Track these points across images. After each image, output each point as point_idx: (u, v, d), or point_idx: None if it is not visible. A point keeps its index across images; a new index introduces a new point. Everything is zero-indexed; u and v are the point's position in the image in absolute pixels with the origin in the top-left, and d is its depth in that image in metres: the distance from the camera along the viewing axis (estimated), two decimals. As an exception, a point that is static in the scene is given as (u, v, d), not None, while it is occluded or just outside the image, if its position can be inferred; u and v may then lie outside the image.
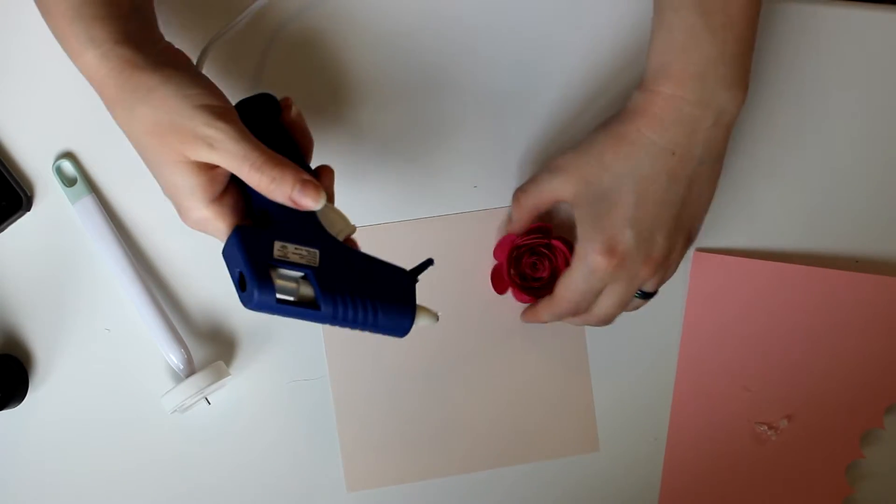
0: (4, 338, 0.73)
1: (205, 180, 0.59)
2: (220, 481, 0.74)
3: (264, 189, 0.58)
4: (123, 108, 0.59)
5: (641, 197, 0.65)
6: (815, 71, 0.76)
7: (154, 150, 0.59)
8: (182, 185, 0.59)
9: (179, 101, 0.58)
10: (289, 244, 0.58)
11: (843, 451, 0.75)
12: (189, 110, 0.58)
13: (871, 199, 0.76)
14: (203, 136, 0.57)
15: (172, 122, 0.58)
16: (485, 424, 0.75)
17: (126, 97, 0.59)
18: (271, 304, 0.57)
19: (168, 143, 0.58)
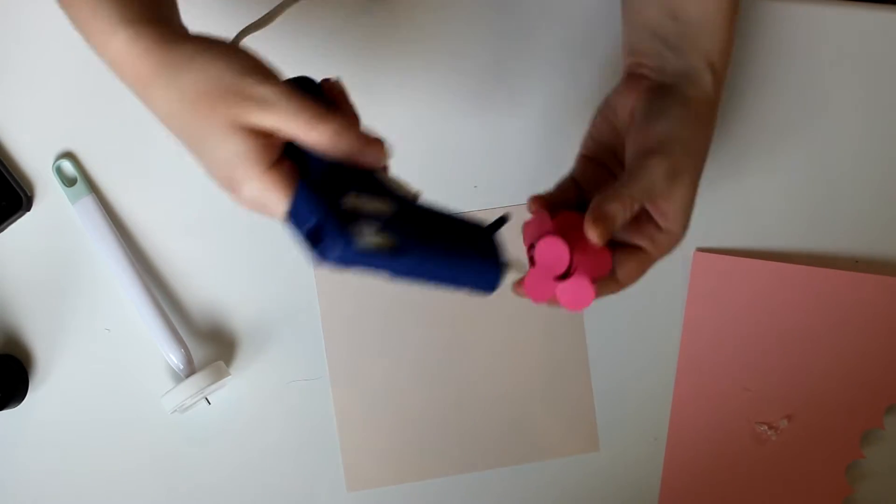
0: (4, 338, 0.73)
1: (259, 145, 0.54)
2: (220, 481, 0.74)
3: (325, 144, 0.54)
4: (162, 84, 0.55)
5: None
6: (814, 71, 0.76)
7: (200, 122, 0.55)
8: (235, 153, 0.54)
9: (225, 65, 0.55)
10: (360, 195, 0.54)
11: (843, 451, 0.75)
12: (237, 73, 0.55)
13: (871, 199, 0.76)
14: (255, 97, 0.54)
15: (220, 87, 0.54)
16: (485, 424, 0.75)
17: (165, 72, 0.55)
18: (353, 255, 0.51)
19: (216, 110, 0.54)
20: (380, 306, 0.75)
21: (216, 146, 0.55)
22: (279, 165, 0.55)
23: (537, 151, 0.76)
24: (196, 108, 0.55)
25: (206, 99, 0.54)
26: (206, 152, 0.56)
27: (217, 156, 0.55)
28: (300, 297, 0.74)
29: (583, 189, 0.65)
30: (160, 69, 0.55)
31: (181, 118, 0.55)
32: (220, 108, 0.54)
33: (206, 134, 0.55)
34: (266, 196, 0.55)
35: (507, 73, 0.75)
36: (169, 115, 0.56)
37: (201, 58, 0.55)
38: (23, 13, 0.74)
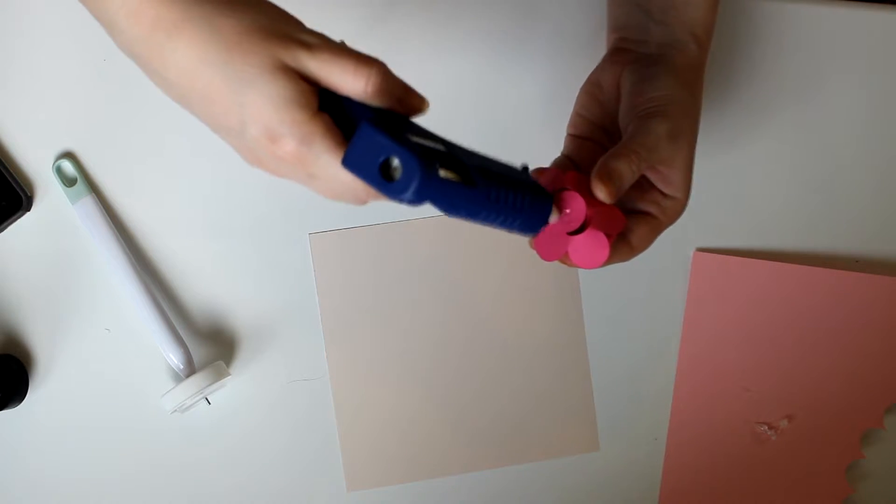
0: (4, 338, 0.73)
1: (304, 89, 0.51)
2: (219, 481, 0.74)
3: (371, 88, 0.51)
4: (193, 28, 0.51)
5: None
6: (814, 71, 0.76)
7: (239, 64, 0.51)
8: (279, 95, 0.51)
9: (266, 10, 0.52)
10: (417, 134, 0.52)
11: (844, 451, 0.75)
12: (278, 17, 0.53)
13: (871, 199, 0.76)
14: (300, 40, 0.51)
15: (263, 28, 0.51)
16: (485, 424, 0.75)
17: (199, 14, 0.51)
18: (430, 186, 0.50)
19: (259, 51, 0.51)
20: (380, 306, 0.75)
21: (257, 91, 0.51)
22: (322, 113, 0.52)
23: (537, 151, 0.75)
24: (236, 49, 0.51)
25: (248, 39, 0.51)
26: (244, 101, 0.52)
27: (256, 103, 0.51)
28: (300, 297, 0.74)
29: (578, 166, 0.65)
30: (191, 12, 0.51)
31: (214, 64, 0.51)
32: (264, 48, 0.51)
33: (245, 77, 0.51)
34: (313, 144, 0.52)
35: (506, 71, 0.75)
36: (198, 62, 0.52)
37: (239, 2, 0.52)
38: (23, 13, 0.74)
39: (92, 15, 0.54)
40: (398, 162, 0.50)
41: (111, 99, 0.74)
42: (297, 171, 0.53)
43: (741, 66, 0.76)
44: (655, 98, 0.62)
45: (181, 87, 0.53)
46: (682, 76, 0.64)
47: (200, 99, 0.53)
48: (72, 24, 0.74)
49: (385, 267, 0.75)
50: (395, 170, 0.50)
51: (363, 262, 0.75)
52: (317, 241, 0.74)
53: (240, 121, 0.52)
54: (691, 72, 0.64)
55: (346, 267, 0.75)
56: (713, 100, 0.76)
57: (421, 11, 0.75)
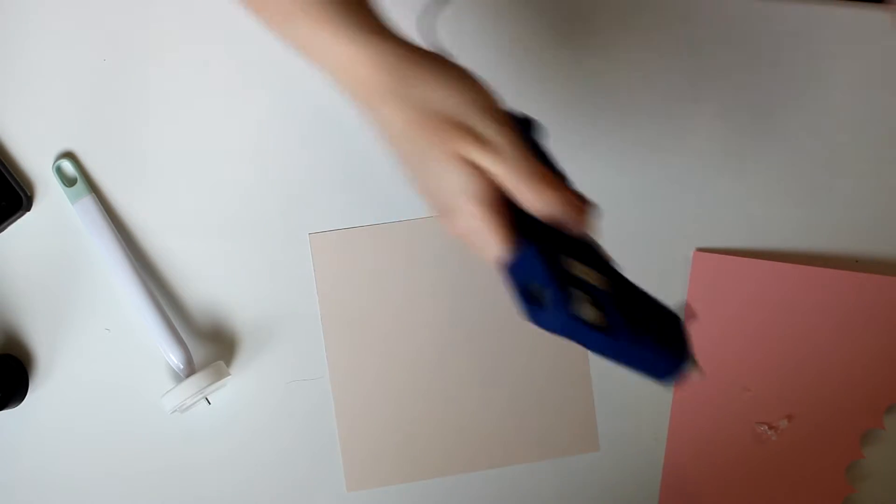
0: (4, 338, 0.74)
1: (483, 182, 0.53)
2: (219, 481, 0.74)
3: (542, 208, 0.53)
4: (394, 100, 0.54)
5: None
6: (814, 71, 0.76)
7: (425, 144, 0.54)
8: (457, 183, 0.53)
9: (459, 92, 0.54)
10: (577, 263, 0.54)
11: (844, 451, 0.75)
12: (469, 104, 0.54)
13: (871, 199, 0.76)
14: (485, 138, 0.53)
15: (451, 115, 0.53)
16: (485, 424, 0.75)
17: (400, 87, 0.54)
18: (568, 326, 0.53)
19: (444, 138, 0.53)
20: (380, 306, 0.75)
21: (439, 172, 0.54)
22: (499, 208, 0.54)
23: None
24: (424, 129, 0.54)
25: (435, 123, 0.53)
26: (427, 175, 0.55)
27: (438, 182, 0.54)
28: (300, 297, 0.74)
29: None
30: (394, 84, 0.54)
31: (407, 136, 0.54)
32: (448, 137, 0.53)
33: (430, 157, 0.54)
34: (482, 234, 0.54)
35: (506, 71, 0.75)
36: (394, 131, 0.55)
37: (436, 80, 0.54)
38: (23, 13, 0.74)
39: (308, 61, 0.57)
40: (548, 297, 0.52)
41: (111, 99, 0.74)
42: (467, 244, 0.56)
43: (741, 66, 0.76)
44: None
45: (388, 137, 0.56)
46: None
47: (400, 153, 0.56)
48: (72, 25, 0.74)
49: (385, 267, 0.75)
50: (543, 298, 0.53)
51: (363, 262, 0.75)
52: (317, 241, 0.74)
53: (422, 187, 0.56)
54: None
55: (346, 267, 0.75)
56: (713, 100, 0.76)
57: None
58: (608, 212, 0.62)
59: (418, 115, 0.54)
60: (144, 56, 0.74)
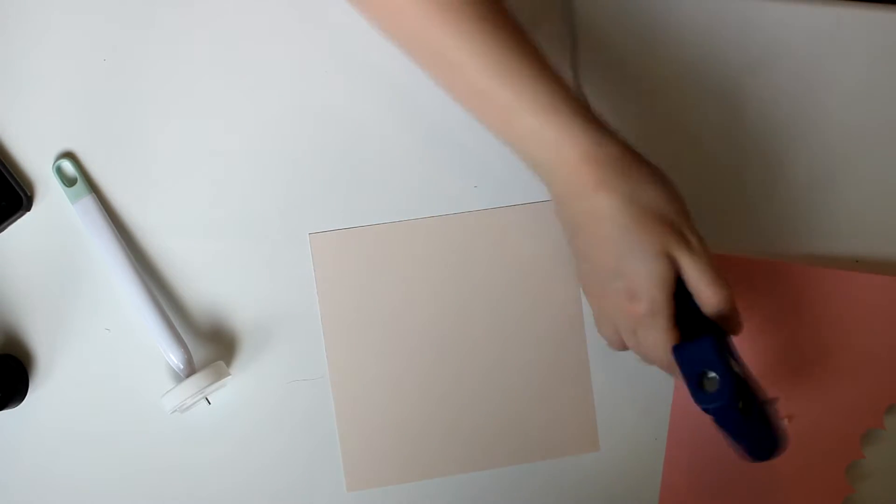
0: (4, 338, 0.73)
1: (673, 276, 0.63)
2: (219, 481, 0.74)
3: (716, 304, 0.63)
4: (612, 188, 0.61)
5: None
6: (814, 71, 0.76)
7: (639, 237, 0.62)
8: (656, 274, 0.62)
9: (672, 200, 0.63)
10: (730, 356, 0.64)
11: (844, 451, 0.75)
12: (681, 212, 0.63)
13: (871, 198, 0.76)
14: (688, 241, 0.63)
15: (667, 217, 0.62)
16: (485, 424, 0.75)
17: (619, 179, 0.62)
18: (727, 406, 0.62)
19: (656, 236, 0.62)
20: (380, 306, 0.75)
21: (640, 263, 0.62)
22: (672, 298, 0.63)
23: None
24: (638, 223, 0.62)
25: (651, 221, 0.62)
26: (626, 264, 0.62)
27: (635, 271, 0.62)
28: (300, 297, 0.74)
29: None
30: (615, 177, 0.62)
31: (618, 226, 0.62)
32: (659, 235, 0.62)
33: (636, 249, 0.62)
34: (657, 318, 0.63)
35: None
36: (607, 217, 0.62)
37: (653, 181, 0.63)
38: (22, 13, 0.74)
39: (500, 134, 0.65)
40: (717, 384, 0.62)
41: (111, 99, 0.74)
42: (628, 322, 0.65)
43: (740, 66, 0.76)
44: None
45: (580, 222, 0.64)
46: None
47: (589, 235, 0.64)
48: (72, 25, 0.74)
49: (385, 267, 0.75)
50: (710, 384, 0.62)
51: (363, 262, 0.75)
52: (317, 241, 0.74)
53: (614, 270, 0.63)
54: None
55: (346, 267, 0.75)
56: (712, 100, 0.76)
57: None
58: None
59: (637, 209, 0.62)
60: (144, 56, 0.74)
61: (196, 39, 0.74)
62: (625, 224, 0.62)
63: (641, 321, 0.64)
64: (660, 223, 0.62)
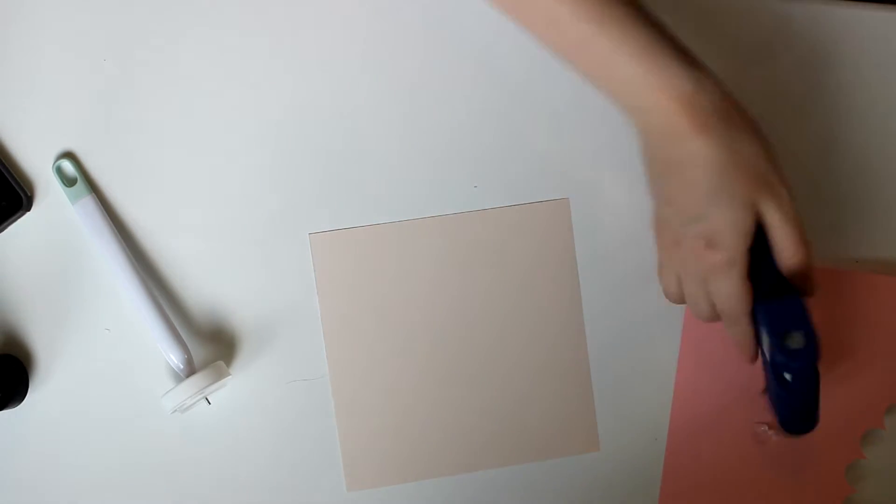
0: (4, 338, 0.73)
1: (754, 229, 0.63)
2: (219, 481, 0.74)
3: (798, 259, 0.63)
4: (713, 134, 0.61)
5: None
6: (814, 71, 0.76)
7: (731, 185, 0.62)
8: (740, 223, 0.62)
9: (766, 152, 0.63)
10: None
11: (844, 451, 0.75)
12: (772, 165, 0.63)
13: (872, 199, 0.76)
14: (778, 194, 0.62)
15: (759, 168, 0.62)
16: (485, 424, 0.75)
17: (720, 124, 0.61)
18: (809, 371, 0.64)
19: (748, 188, 0.62)
20: (380, 306, 0.75)
21: (726, 210, 0.62)
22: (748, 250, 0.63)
23: (538, 151, 0.76)
24: (732, 173, 0.61)
25: (745, 173, 0.62)
26: (711, 209, 0.62)
27: (719, 217, 0.62)
28: (300, 297, 0.74)
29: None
30: (717, 123, 0.61)
31: (712, 171, 0.61)
32: (751, 188, 0.62)
33: (724, 197, 0.62)
34: (733, 267, 0.63)
35: (505, 72, 0.75)
36: (702, 161, 0.61)
37: (751, 131, 0.63)
38: (22, 13, 0.74)
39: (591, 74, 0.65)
40: (802, 341, 0.63)
41: (111, 99, 0.74)
42: (700, 270, 0.64)
43: (740, 66, 0.76)
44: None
45: (673, 165, 0.63)
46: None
47: (679, 179, 0.63)
48: (72, 25, 0.74)
49: (385, 267, 0.75)
50: (795, 342, 0.63)
51: (363, 262, 0.75)
52: (317, 241, 0.74)
53: (698, 215, 0.63)
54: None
55: (346, 267, 0.75)
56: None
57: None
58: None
59: (733, 157, 0.61)
60: (145, 56, 0.74)
61: (196, 39, 0.74)
62: (719, 170, 0.61)
63: (716, 269, 0.63)
64: (753, 173, 0.62)
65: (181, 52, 0.74)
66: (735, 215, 0.62)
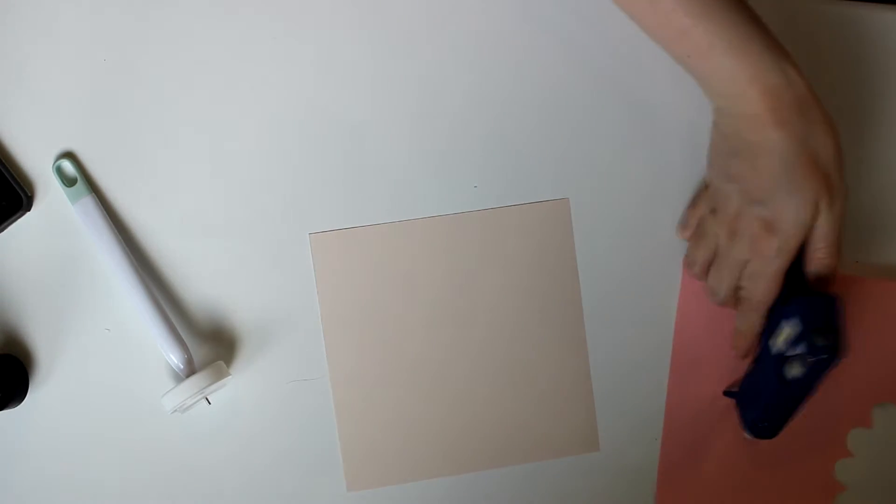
0: (4, 338, 0.73)
1: (810, 224, 0.65)
2: (219, 481, 0.74)
3: (829, 264, 0.66)
4: (792, 132, 0.63)
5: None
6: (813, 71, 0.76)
7: (801, 180, 0.63)
8: (805, 220, 0.64)
9: (836, 150, 0.64)
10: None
11: (832, 450, 0.75)
12: (838, 163, 0.64)
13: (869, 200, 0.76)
14: (836, 193, 0.64)
15: (827, 166, 0.64)
16: (485, 424, 0.75)
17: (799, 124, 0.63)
18: (828, 366, 0.65)
19: (816, 181, 0.63)
20: (380, 306, 0.75)
21: (791, 204, 0.64)
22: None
23: (538, 151, 0.76)
24: (802, 169, 0.63)
25: (815, 172, 0.63)
26: (776, 196, 0.64)
27: (782, 208, 0.64)
28: (300, 297, 0.74)
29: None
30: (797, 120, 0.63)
31: (785, 163, 0.63)
32: (817, 187, 0.64)
33: (792, 190, 0.64)
34: (782, 258, 0.65)
35: (505, 72, 0.75)
36: (778, 151, 0.63)
37: (825, 127, 0.64)
38: (22, 13, 0.74)
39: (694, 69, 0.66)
40: (827, 341, 0.64)
41: (111, 99, 0.74)
42: (744, 252, 0.67)
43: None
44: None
45: (747, 149, 0.65)
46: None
47: (750, 162, 0.65)
48: (72, 24, 0.74)
49: (385, 267, 0.75)
50: (822, 339, 0.64)
51: (363, 262, 0.75)
52: (317, 241, 0.74)
53: (762, 199, 0.65)
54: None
55: (346, 267, 0.75)
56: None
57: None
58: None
59: (807, 152, 0.63)
60: (144, 55, 0.74)
61: (196, 39, 0.74)
62: (793, 163, 0.63)
63: (764, 254, 0.65)
64: (821, 171, 0.63)
65: (181, 52, 0.74)
66: (799, 209, 0.64)
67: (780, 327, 0.66)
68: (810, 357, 0.64)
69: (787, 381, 0.66)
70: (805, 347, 0.64)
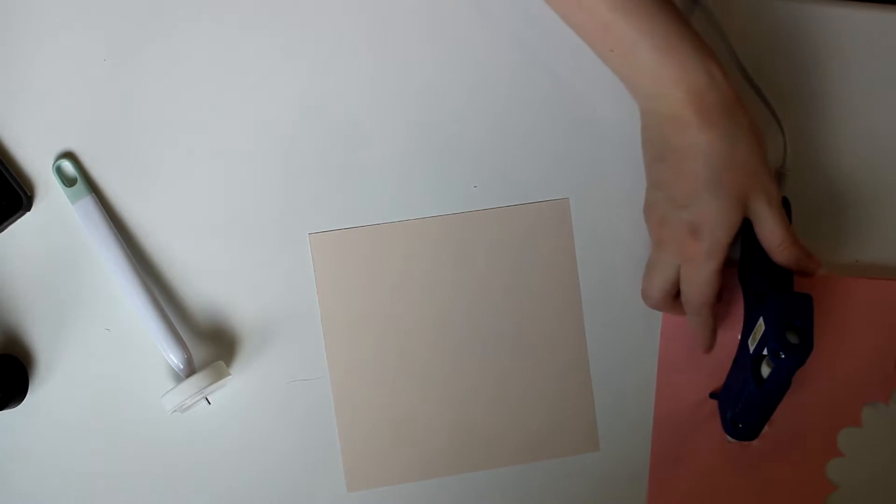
0: (4, 338, 0.73)
1: (738, 225, 0.65)
2: (219, 481, 0.74)
3: (785, 257, 0.65)
4: (717, 133, 0.63)
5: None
6: (813, 71, 0.76)
7: (726, 180, 0.63)
8: (731, 221, 0.64)
9: (761, 151, 0.64)
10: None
11: (823, 450, 0.75)
12: (763, 161, 0.64)
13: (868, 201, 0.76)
14: (767, 191, 0.64)
15: (752, 165, 0.64)
16: (485, 424, 0.75)
17: (724, 125, 0.63)
18: (797, 363, 0.64)
19: (742, 183, 0.64)
20: (380, 306, 0.75)
21: (716, 206, 0.63)
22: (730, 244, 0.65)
23: (538, 151, 0.76)
24: (728, 171, 0.63)
25: (741, 172, 0.63)
26: (701, 200, 0.64)
27: (707, 210, 0.64)
28: (300, 297, 0.74)
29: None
30: (723, 122, 0.63)
31: (708, 165, 0.63)
32: (744, 187, 0.64)
33: (718, 193, 0.63)
34: (712, 261, 0.65)
35: (505, 72, 0.75)
36: (701, 153, 0.63)
37: (751, 134, 0.64)
38: (22, 13, 0.74)
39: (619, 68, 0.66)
40: (802, 337, 0.64)
41: (111, 99, 0.74)
42: (677, 256, 0.67)
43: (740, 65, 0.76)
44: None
45: (672, 152, 0.65)
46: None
47: (676, 167, 0.65)
48: (72, 24, 0.74)
49: (385, 267, 0.75)
50: (793, 336, 0.64)
51: (363, 262, 0.75)
52: (317, 241, 0.74)
53: (687, 203, 0.64)
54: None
55: (346, 267, 0.75)
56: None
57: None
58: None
59: (732, 153, 0.63)
60: (144, 56, 0.74)
61: (196, 39, 0.74)
62: (717, 164, 0.63)
63: (694, 258, 0.65)
64: (747, 171, 0.63)
65: (181, 52, 0.74)
66: (723, 209, 0.63)
67: (757, 326, 0.66)
68: (782, 354, 0.64)
69: (762, 380, 0.66)
70: (776, 344, 0.64)
